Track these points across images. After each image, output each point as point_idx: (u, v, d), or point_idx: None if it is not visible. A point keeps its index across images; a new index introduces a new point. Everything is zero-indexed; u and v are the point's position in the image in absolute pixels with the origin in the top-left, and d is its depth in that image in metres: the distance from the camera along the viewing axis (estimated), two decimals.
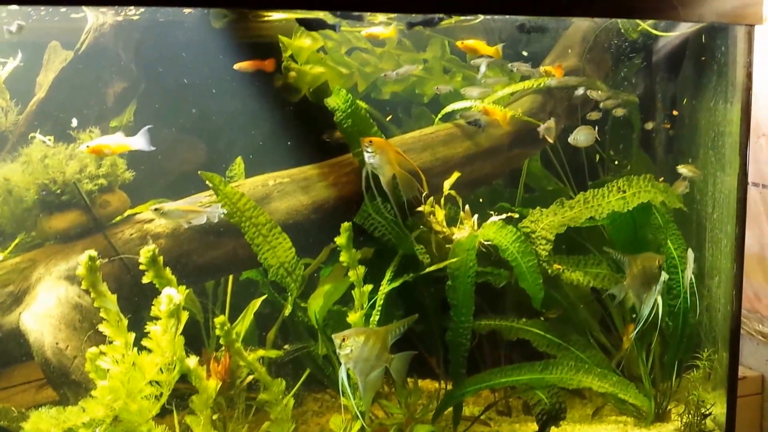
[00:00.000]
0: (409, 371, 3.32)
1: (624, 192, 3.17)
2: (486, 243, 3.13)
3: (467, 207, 3.21)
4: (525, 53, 3.56)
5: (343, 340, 2.40)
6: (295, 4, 2.50)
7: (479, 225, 3.19)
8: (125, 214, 2.97)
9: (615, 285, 3.16)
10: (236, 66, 3.02)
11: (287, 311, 3.11)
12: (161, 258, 2.49)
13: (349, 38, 3.32)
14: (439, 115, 3.44)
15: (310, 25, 2.87)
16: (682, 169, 3.44)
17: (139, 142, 2.62)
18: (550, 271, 3.19)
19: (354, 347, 2.40)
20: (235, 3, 2.58)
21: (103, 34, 2.92)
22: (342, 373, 2.44)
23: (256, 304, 3.21)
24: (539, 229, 3.21)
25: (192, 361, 2.49)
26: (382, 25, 2.99)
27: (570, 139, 3.27)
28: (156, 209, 2.69)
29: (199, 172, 2.87)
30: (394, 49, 3.41)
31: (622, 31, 3.47)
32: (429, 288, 3.21)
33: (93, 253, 2.32)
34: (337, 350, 2.41)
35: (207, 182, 2.88)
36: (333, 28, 2.97)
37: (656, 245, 3.35)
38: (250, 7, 2.81)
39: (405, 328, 2.60)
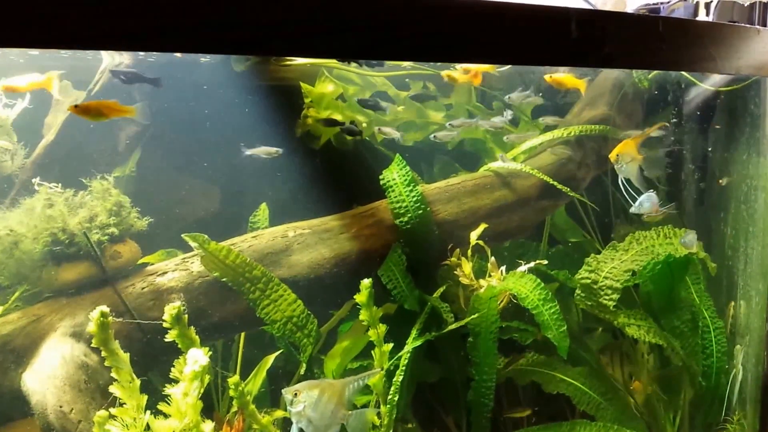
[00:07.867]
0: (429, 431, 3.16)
1: (670, 237, 3.06)
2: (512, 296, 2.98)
3: (493, 258, 3.06)
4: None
5: (296, 395, 2.10)
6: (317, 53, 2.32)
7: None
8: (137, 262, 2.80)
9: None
10: None
11: (302, 369, 2.93)
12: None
13: (373, 82, 3.20)
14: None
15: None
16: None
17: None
18: (615, 323, 3.00)
19: (308, 403, 2.11)
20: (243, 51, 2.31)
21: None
22: None
23: (269, 361, 3.02)
24: (601, 278, 3.01)
25: (208, 426, 2.31)
26: None
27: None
28: None
29: (182, 235, 2.70)
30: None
31: (636, 80, 3.40)
32: (454, 345, 3.04)
33: (105, 309, 2.18)
34: (288, 407, 2.11)
35: (190, 243, 2.70)
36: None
37: (688, 303, 3.23)
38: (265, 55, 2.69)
39: (365, 382, 2.32)
